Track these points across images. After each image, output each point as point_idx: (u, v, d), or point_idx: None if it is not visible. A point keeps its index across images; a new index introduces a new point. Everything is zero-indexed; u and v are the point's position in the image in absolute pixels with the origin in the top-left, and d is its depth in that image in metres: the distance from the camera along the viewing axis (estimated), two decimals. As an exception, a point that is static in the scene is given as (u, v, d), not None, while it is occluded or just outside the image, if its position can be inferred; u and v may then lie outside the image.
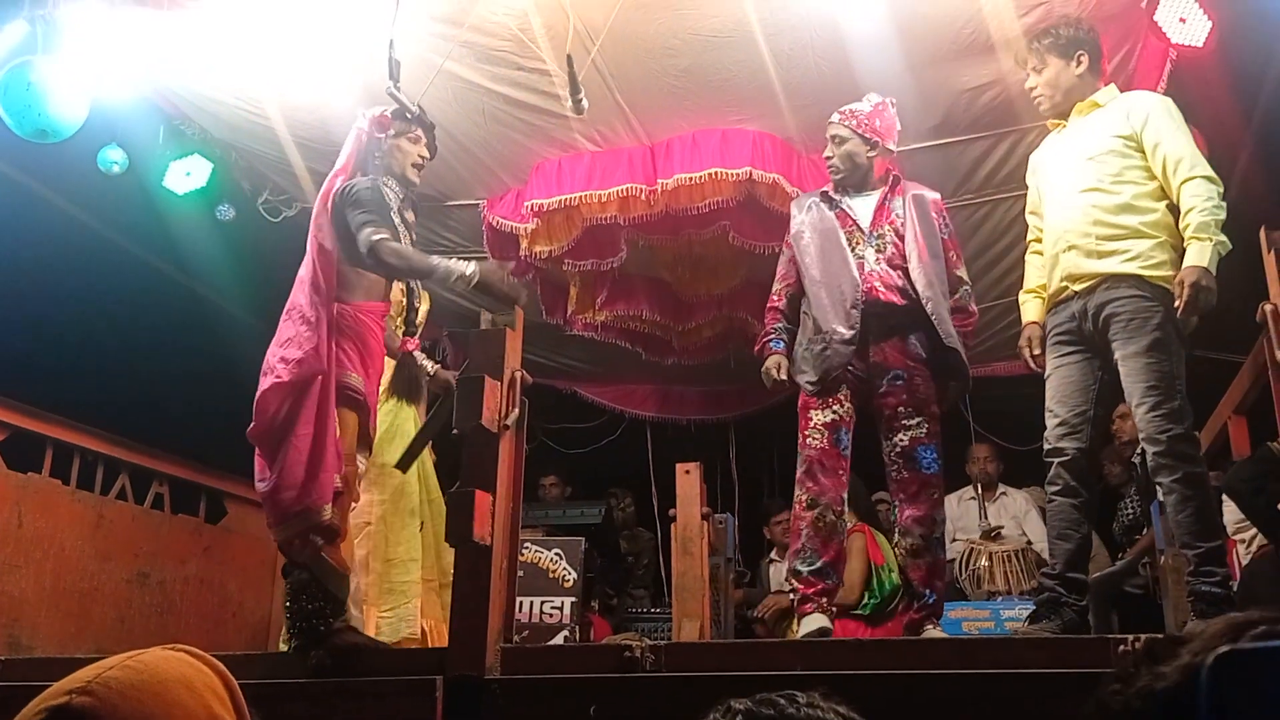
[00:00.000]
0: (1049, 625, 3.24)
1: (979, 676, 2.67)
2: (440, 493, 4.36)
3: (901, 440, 3.67)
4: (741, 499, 6.81)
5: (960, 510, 5.99)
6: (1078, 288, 3.40)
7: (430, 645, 4.02)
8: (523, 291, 3.65)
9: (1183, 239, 3.27)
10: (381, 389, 3.99)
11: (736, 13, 3.98)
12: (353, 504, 3.48)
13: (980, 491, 5.87)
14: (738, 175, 4.50)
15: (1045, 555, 5.41)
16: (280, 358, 3.21)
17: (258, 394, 3.21)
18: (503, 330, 3.27)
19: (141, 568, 4.89)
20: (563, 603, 4.86)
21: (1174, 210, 3.33)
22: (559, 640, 4.73)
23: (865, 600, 5.15)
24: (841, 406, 3.69)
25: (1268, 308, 3.36)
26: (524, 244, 5.02)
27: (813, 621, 3.54)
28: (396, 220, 3.54)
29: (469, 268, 3.37)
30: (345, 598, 3.22)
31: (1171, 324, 3.23)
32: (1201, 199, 3.21)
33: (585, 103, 3.77)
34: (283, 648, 3.81)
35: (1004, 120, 4.49)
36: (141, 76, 4.47)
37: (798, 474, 3.74)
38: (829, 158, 3.91)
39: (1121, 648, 2.54)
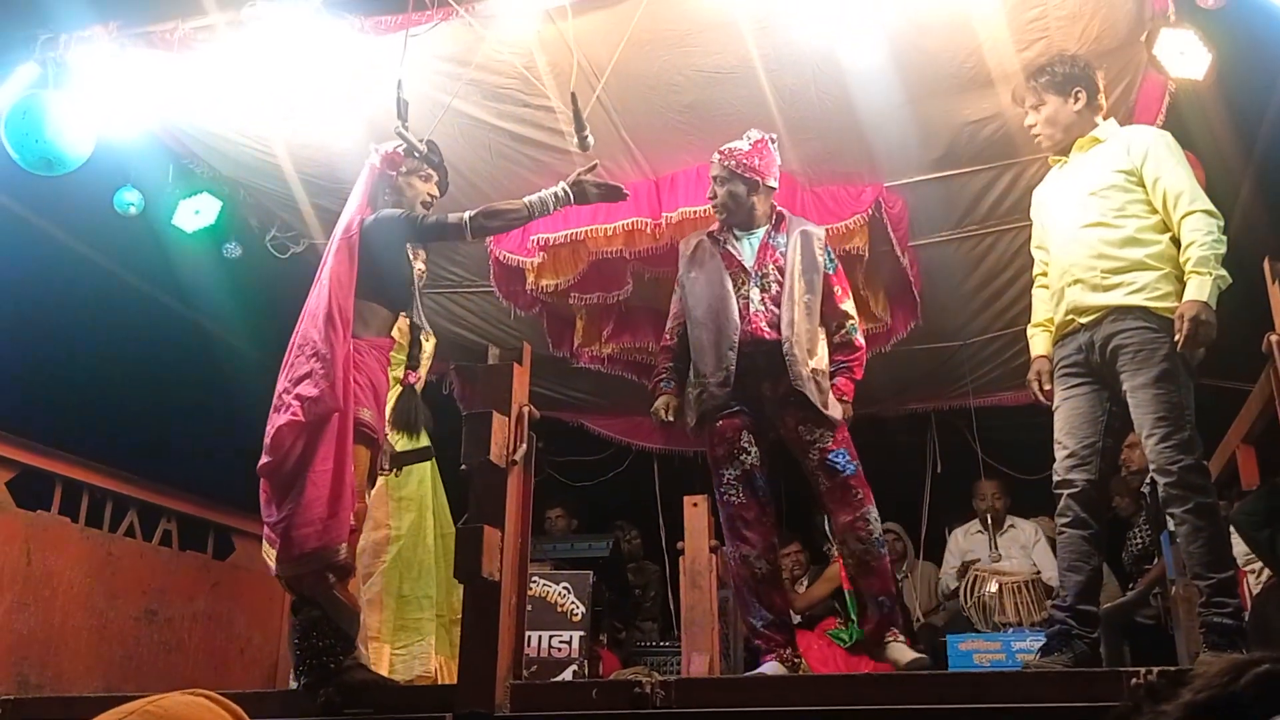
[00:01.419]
0: (1060, 658, 3.22)
1: (991, 711, 2.65)
2: (453, 528, 4.36)
3: (813, 456, 3.70)
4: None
5: (968, 544, 5.98)
6: (1084, 320, 3.41)
7: (441, 682, 4.01)
8: (621, 187, 3.68)
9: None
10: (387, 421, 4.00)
11: (739, 49, 4.03)
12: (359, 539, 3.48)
13: (990, 525, 5.86)
14: (742, 208, 4.53)
15: (1054, 584, 5.42)
16: (295, 395, 3.18)
17: (272, 429, 3.18)
18: (510, 365, 3.28)
19: (149, 605, 4.88)
20: (571, 637, 4.84)
21: (1177, 243, 3.34)
22: (568, 675, 4.71)
23: (849, 631, 5.17)
24: (749, 455, 3.73)
25: (1273, 338, 3.37)
26: (530, 278, 5.05)
27: (767, 668, 3.59)
28: (409, 253, 3.58)
29: (560, 188, 3.51)
30: (356, 635, 3.21)
31: (1179, 354, 3.23)
32: (1201, 233, 3.22)
33: (591, 140, 3.80)
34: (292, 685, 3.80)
35: (1006, 153, 4.53)
36: (150, 116, 4.53)
37: (724, 530, 3.80)
38: (711, 198, 3.95)
39: (1134, 680, 2.53)
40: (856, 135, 4.44)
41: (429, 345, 4.32)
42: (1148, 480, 5.27)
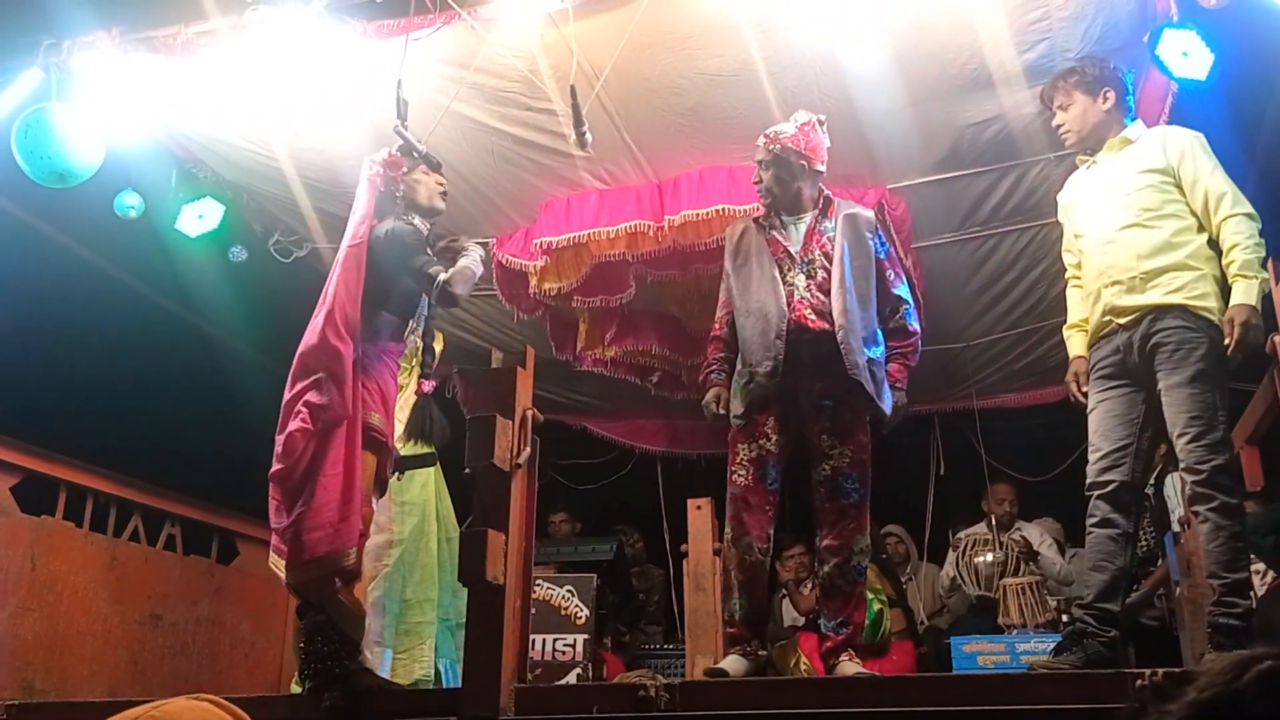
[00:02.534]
0: (1070, 658, 3.21)
1: (995, 713, 2.65)
2: (458, 532, 4.37)
3: (825, 469, 3.62)
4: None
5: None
6: (1122, 321, 3.40)
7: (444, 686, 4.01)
8: None
9: (1222, 269, 3.30)
10: (399, 430, 4.00)
11: (741, 52, 4.03)
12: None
13: (994, 526, 5.85)
14: (744, 211, 4.53)
15: (1053, 587, 5.43)
16: (305, 402, 3.20)
17: (284, 435, 3.20)
18: (513, 368, 3.28)
19: (154, 609, 4.88)
20: (575, 640, 4.85)
21: (1213, 244, 3.36)
22: (572, 678, 4.71)
23: None
24: (769, 440, 3.65)
25: (1277, 339, 3.36)
26: (533, 281, 5.05)
27: (727, 662, 3.53)
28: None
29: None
30: (360, 639, 3.21)
31: (1215, 355, 3.23)
32: (1244, 236, 3.25)
33: (589, 136, 3.79)
34: (295, 689, 3.81)
35: (1008, 154, 4.52)
36: (154, 121, 4.53)
37: (727, 510, 3.73)
38: (757, 183, 3.85)
39: (1139, 681, 2.52)
40: (859, 137, 4.44)
41: (437, 347, 4.32)
42: (1151, 482, 5.27)
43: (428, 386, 3.87)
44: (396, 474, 3.80)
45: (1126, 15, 3.86)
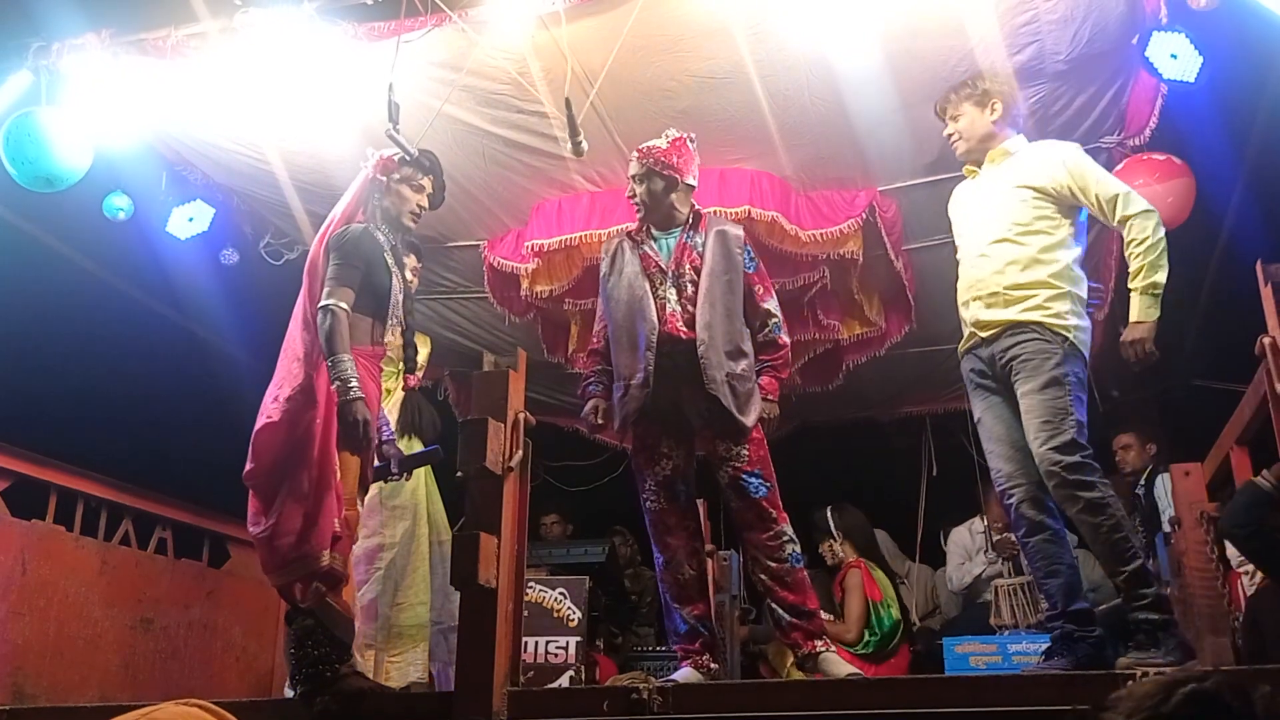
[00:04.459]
0: (1061, 662, 3.22)
1: (987, 715, 2.66)
2: (450, 535, 4.36)
3: (726, 473, 3.64)
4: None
5: (974, 543, 5.97)
6: (985, 334, 3.48)
7: (437, 689, 4.01)
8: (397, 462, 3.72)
9: (1081, 288, 3.43)
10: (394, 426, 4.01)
11: (733, 55, 4.03)
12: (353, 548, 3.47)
13: (987, 524, 5.86)
14: (736, 213, 4.54)
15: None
16: (274, 397, 3.23)
17: (253, 435, 3.22)
18: (505, 372, 3.28)
19: (145, 614, 4.87)
20: (568, 642, 4.83)
21: (1080, 264, 3.45)
22: (564, 680, 4.70)
23: (866, 638, 5.14)
24: (670, 461, 3.73)
25: (1266, 340, 3.38)
26: (525, 284, 5.05)
27: (679, 675, 3.55)
28: (390, 261, 3.52)
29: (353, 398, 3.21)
30: (350, 643, 3.20)
31: (1068, 366, 3.30)
32: (1149, 245, 3.31)
33: (585, 145, 3.81)
34: (287, 693, 3.80)
35: (999, 156, 4.52)
36: (144, 124, 4.52)
37: (650, 535, 3.79)
38: (630, 197, 3.89)
39: (1130, 682, 2.53)
40: (850, 140, 4.45)
41: (424, 350, 4.32)
42: (1141, 482, 5.29)
43: (413, 381, 3.87)
44: (404, 475, 3.79)
45: (1115, 18, 3.87)
